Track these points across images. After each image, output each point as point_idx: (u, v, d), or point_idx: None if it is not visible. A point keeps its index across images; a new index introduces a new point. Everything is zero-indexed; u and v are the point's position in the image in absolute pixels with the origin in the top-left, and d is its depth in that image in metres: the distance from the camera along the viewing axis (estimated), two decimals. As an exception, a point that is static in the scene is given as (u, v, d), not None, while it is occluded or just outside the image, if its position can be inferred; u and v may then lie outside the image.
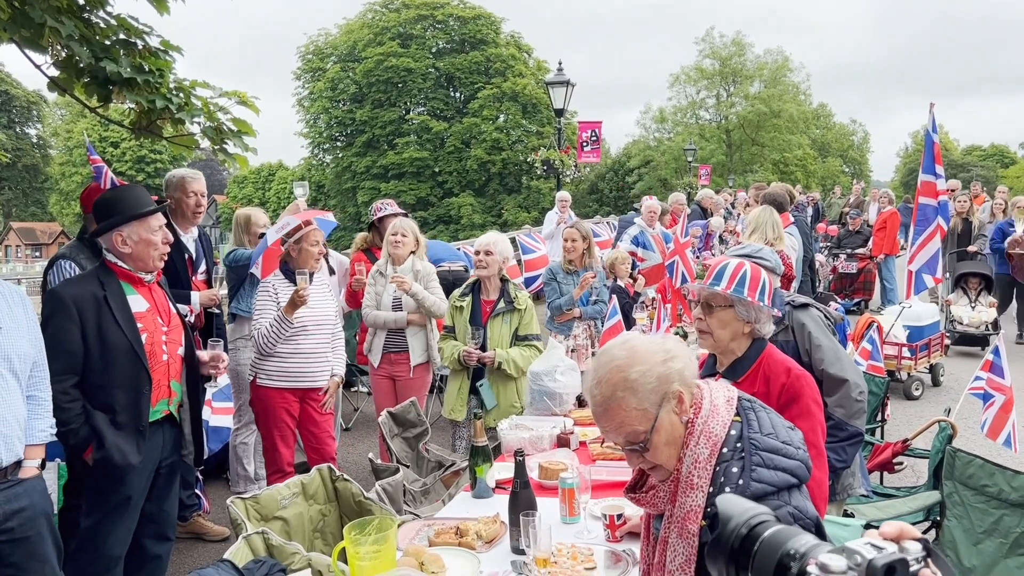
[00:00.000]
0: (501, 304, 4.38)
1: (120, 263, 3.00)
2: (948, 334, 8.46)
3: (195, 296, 4.22)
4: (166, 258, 3.13)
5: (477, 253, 4.45)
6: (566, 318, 5.65)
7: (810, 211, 16.59)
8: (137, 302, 3.02)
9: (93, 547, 2.95)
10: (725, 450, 1.67)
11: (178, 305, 3.30)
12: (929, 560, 0.89)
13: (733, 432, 1.70)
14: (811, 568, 0.87)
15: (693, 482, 1.66)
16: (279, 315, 4.03)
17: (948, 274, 9.34)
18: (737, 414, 1.74)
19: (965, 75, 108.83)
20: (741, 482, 1.62)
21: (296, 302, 4.02)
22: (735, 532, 1.00)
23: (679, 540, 1.67)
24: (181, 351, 3.19)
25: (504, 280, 4.46)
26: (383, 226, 5.68)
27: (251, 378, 4.22)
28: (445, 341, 4.46)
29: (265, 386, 4.14)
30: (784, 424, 1.77)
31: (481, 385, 4.19)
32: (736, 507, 1.04)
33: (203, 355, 3.27)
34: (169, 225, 4.22)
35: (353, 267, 5.34)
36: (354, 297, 5.39)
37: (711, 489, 1.64)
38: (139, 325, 2.97)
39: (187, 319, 3.28)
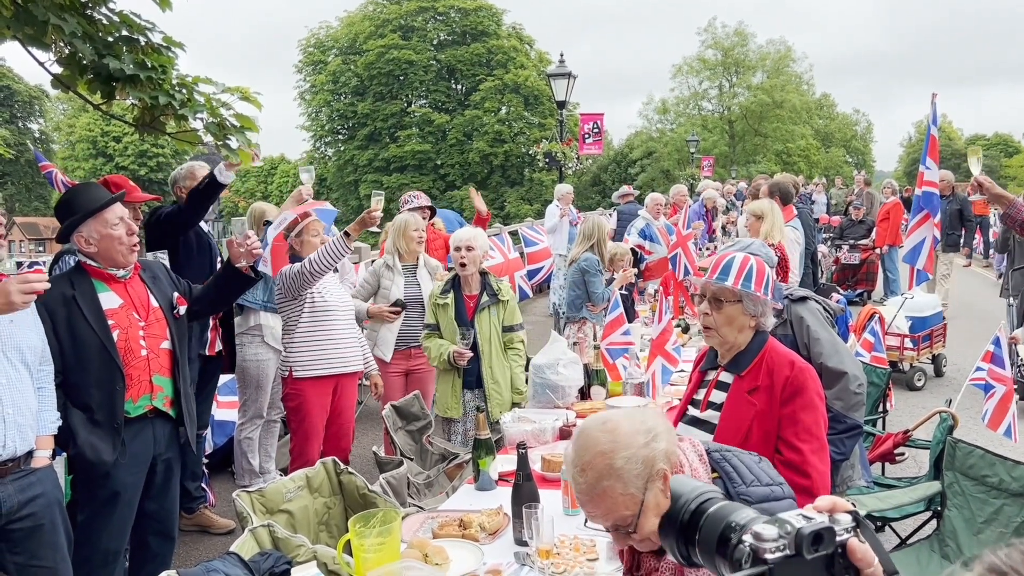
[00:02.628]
0: (485, 297, 4.30)
1: (90, 262, 3.01)
2: (1018, 383, 5.21)
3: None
4: (136, 249, 3.11)
5: (457, 249, 4.30)
6: (600, 308, 5.73)
7: (823, 200, 16.49)
8: (109, 299, 3.01)
9: (88, 541, 2.98)
10: None
11: (173, 295, 3.24)
12: (857, 530, 0.94)
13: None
14: (746, 537, 0.93)
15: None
16: (339, 235, 4.00)
17: (1013, 299, 7.22)
18: (713, 469, 1.70)
19: (969, 65, 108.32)
20: None
21: (367, 222, 4.04)
22: (685, 508, 1.06)
23: None
24: (166, 345, 3.14)
25: (483, 273, 4.39)
26: None
27: (285, 374, 4.21)
28: (430, 340, 4.34)
29: (303, 377, 4.11)
30: (755, 461, 1.74)
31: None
32: (686, 487, 1.10)
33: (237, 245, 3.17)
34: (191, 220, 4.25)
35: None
36: None
37: None
38: (111, 322, 2.96)
39: (177, 311, 3.24)
